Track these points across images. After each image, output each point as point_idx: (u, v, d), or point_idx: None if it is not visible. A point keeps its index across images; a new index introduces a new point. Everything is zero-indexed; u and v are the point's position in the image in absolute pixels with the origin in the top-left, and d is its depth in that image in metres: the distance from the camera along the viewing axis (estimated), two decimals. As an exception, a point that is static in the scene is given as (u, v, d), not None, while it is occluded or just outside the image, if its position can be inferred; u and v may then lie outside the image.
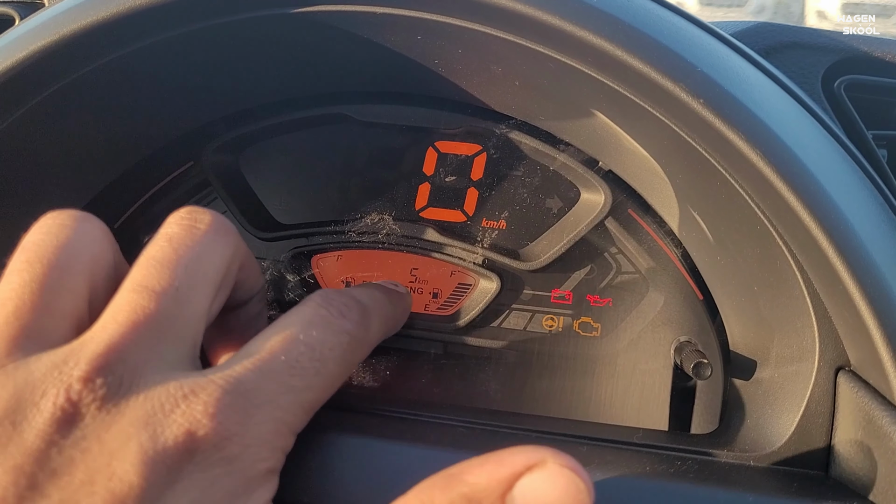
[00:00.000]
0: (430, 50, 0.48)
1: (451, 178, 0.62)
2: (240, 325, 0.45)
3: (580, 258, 0.62)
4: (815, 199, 0.38)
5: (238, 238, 0.40)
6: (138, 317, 0.33)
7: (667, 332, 0.59)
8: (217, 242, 0.38)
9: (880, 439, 0.38)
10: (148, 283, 0.34)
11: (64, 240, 0.37)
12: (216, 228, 0.38)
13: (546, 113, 0.55)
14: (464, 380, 0.63)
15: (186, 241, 0.36)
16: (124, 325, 0.32)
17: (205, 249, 0.37)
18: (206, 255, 0.37)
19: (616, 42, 0.39)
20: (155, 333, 0.33)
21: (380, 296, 0.48)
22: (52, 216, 0.38)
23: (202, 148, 0.61)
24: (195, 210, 0.39)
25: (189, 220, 0.38)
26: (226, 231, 0.39)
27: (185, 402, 0.31)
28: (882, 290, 0.38)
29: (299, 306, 0.41)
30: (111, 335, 0.32)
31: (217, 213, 0.39)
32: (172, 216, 0.38)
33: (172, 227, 0.38)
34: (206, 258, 0.37)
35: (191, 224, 0.38)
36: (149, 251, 0.36)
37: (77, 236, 0.37)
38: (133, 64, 0.47)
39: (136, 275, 0.35)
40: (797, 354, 0.44)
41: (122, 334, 0.32)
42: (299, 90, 0.60)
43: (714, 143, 0.40)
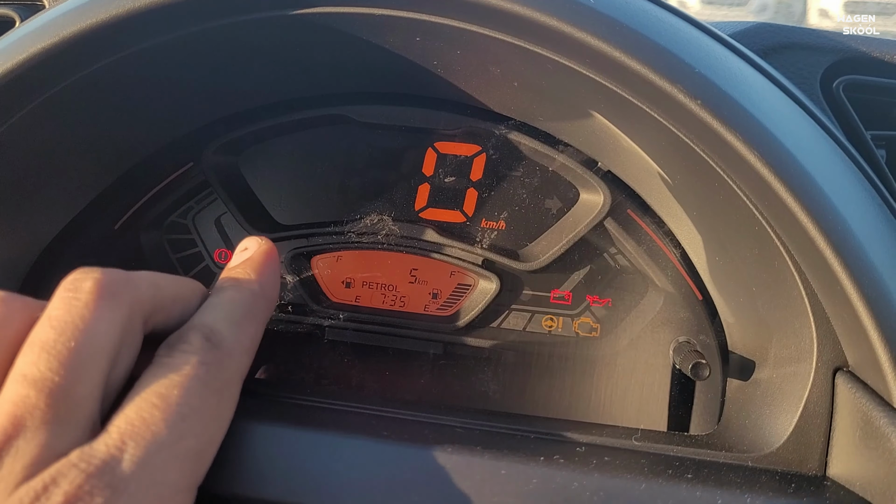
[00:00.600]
0: (428, 51, 0.48)
1: (450, 178, 0.62)
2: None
3: (579, 258, 0.62)
4: (812, 199, 0.38)
5: (134, 293, 0.37)
6: (18, 409, 0.32)
7: (666, 333, 0.59)
8: (103, 309, 0.35)
9: (878, 440, 0.38)
10: (28, 372, 0.33)
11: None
12: (101, 294, 0.36)
13: (545, 114, 0.55)
14: (463, 380, 0.63)
15: (66, 318, 0.34)
16: (5, 419, 0.32)
17: (89, 323, 0.34)
18: (90, 329, 0.34)
19: (614, 43, 0.39)
20: (37, 423, 0.32)
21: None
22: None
23: (202, 149, 0.61)
24: (77, 279, 0.36)
25: (70, 292, 0.36)
26: (112, 293, 0.36)
27: (45, 496, 0.30)
28: (880, 291, 0.38)
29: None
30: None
31: (104, 273, 0.37)
32: (58, 288, 0.36)
33: (54, 303, 0.36)
34: (91, 332, 0.34)
35: (72, 297, 0.35)
36: (33, 334, 0.35)
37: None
38: (132, 66, 0.47)
39: (20, 362, 0.34)
40: (795, 355, 0.44)
41: (3, 429, 0.31)
42: (299, 91, 0.60)
43: (712, 144, 0.40)
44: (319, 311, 0.64)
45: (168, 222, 0.67)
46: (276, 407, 0.44)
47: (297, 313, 0.65)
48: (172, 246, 0.67)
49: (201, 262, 0.67)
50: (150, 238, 0.66)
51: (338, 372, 0.63)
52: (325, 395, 0.47)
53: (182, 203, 0.66)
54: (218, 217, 0.67)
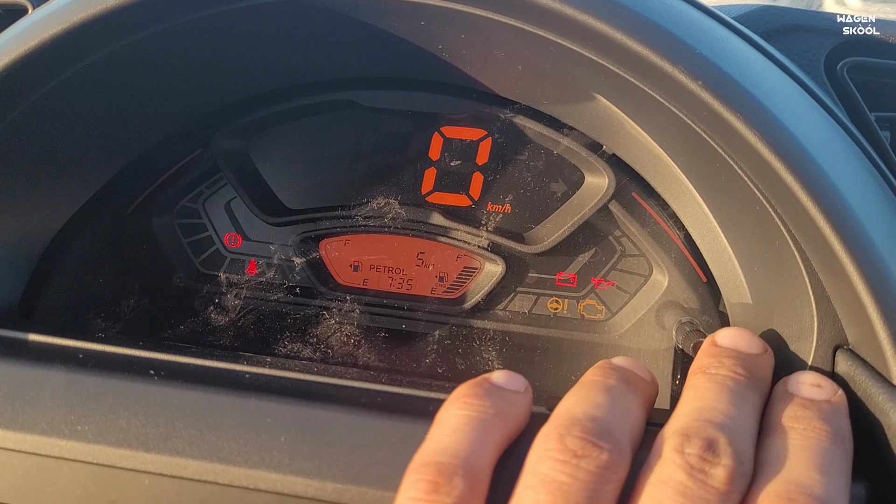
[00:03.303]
0: (433, 35, 0.49)
1: (456, 162, 0.63)
2: None
3: (584, 241, 0.62)
4: (813, 180, 0.38)
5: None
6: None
7: (670, 314, 0.59)
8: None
9: (878, 416, 0.38)
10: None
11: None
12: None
13: (549, 97, 0.55)
14: (469, 362, 0.64)
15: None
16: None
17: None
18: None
19: (616, 25, 0.39)
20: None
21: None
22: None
23: (212, 134, 0.62)
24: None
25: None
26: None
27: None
28: (880, 270, 0.38)
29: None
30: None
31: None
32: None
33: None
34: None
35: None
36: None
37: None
38: (143, 51, 0.47)
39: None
40: (796, 333, 0.45)
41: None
42: (306, 77, 0.61)
43: (713, 125, 0.40)
44: (327, 293, 0.65)
45: (179, 207, 0.68)
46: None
47: (305, 296, 0.66)
48: (183, 230, 0.68)
49: (212, 245, 0.68)
50: (161, 222, 0.67)
51: (345, 353, 0.64)
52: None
53: (193, 188, 0.67)
54: (228, 202, 0.68)
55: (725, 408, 0.36)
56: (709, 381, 0.38)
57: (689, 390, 0.38)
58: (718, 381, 0.38)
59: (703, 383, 0.38)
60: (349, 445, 0.39)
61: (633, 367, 0.41)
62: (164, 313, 0.67)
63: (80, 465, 0.40)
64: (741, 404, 0.36)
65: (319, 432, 0.40)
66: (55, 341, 0.47)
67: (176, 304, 0.67)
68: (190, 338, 0.65)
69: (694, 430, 0.34)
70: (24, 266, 0.56)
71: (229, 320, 0.65)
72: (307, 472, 0.39)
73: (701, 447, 0.33)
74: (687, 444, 0.33)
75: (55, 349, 0.46)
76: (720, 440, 0.33)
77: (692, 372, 0.40)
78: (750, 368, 0.39)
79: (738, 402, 0.36)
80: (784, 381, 0.40)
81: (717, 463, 0.32)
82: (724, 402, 0.36)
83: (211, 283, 0.67)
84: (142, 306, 0.66)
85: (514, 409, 0.38)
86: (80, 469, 0.40)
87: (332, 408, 0.41)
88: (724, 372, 0.38)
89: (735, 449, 0.33)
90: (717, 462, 0.32)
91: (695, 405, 0.36)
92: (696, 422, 0.35)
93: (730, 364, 0.39)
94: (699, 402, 0.36)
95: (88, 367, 0.43)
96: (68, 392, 0.42)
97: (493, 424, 0.36)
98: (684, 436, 0.34)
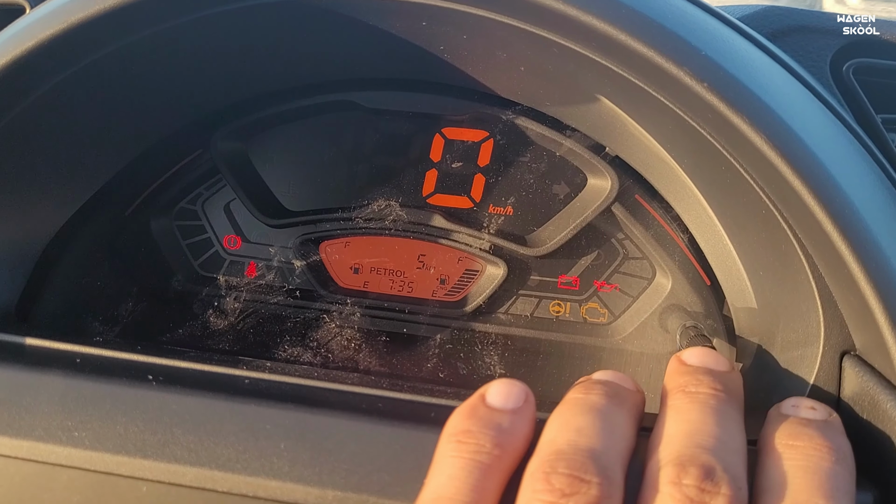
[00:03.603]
0: (435, 36, 0.48)
1: (457, 164, 0.62)
2: None
3: (587, 244, 0.62)
4: (820, 183, 0.38)
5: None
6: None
7: (673, 318, 0.59)
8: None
9: (885, 423, 0.38)
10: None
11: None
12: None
13: (552, 98, 0.55)
14: (470, 365, 0.64)
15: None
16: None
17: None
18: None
19: (620, 26, 0.39)
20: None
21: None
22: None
23: (211, 135, 0.62)
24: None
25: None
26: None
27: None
28: (888, 275, 0.37)
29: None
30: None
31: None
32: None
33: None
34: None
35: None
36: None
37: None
38: (142, 51, 0.47)
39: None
40: (802, 339, 0.44)
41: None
42: (306, 78, 0.60)
43: (718, 127, 0.40)
44: (327, 296, 0.65)
45: (178, 208, 0.67)
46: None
47: (305, 299, 0.65)
48: (182, 232, 0.68)
49: (211, 247, 0.68)
50: (160, 224, 0.66)
51: (345, 357, 0.63)
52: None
53: (192, 189, 0.66)
54: (227, 203, 0.67)
55: (713, 429, 0.35)
56: (691, 400, 0.37)
57: (672, 411, 0.37)
58: (701, 399, 0.37)
59: (685, 403, 0.37)
60: (350, 452, 0.39)
61: (615, 380, 0.40)
62: (163, 316, 0.66)
63: (78, 471, 0.40)
64: (727, 424, 0.36)
65: (320, 439, 0.39)
66: (52, 345, 0.47)
67: (175, 307, 0.66)
68: (189, 341, 0.64)
69: (688, 458, 0.33)
70: (21, 269, 0.56)
71: (228, 324, 0.65)
72: (307, 480, 0.38)
73: (698, 477, 0.32)
74: (683, 474, 0.32)
75: (52, 353, 0.46)
76: (716, 467, 0.32)
77: (670, 391, 0.39)
78: (726, 385, 0.38)
79: (724, 422, 0.36)
80: (777, 406, 0.39)
81: (717, 493, 0.31)
82: (710, 424, 0.35)
83: (210, 286, 0.66)
84: (140, 309, 0.66)
85: (515, 436, 0.36)
86: (77, 476, 0.40)
87: (333, 414, 0.40)
88: (704, 390, 0.37)
89: (731, 475, 0.32)
90: (716, 492, 0.32)
91: (682, 428, 0.35)
92: (688, 448, 0.34)
93: (708, 381, 0.38)
94: (686, 426, 0.35)
95: (86, 372, 0.43)
96: (65, 397, 0.41)
97: (492, 466, 0.35)
98: (679, 465, 0.33)
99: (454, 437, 0.36)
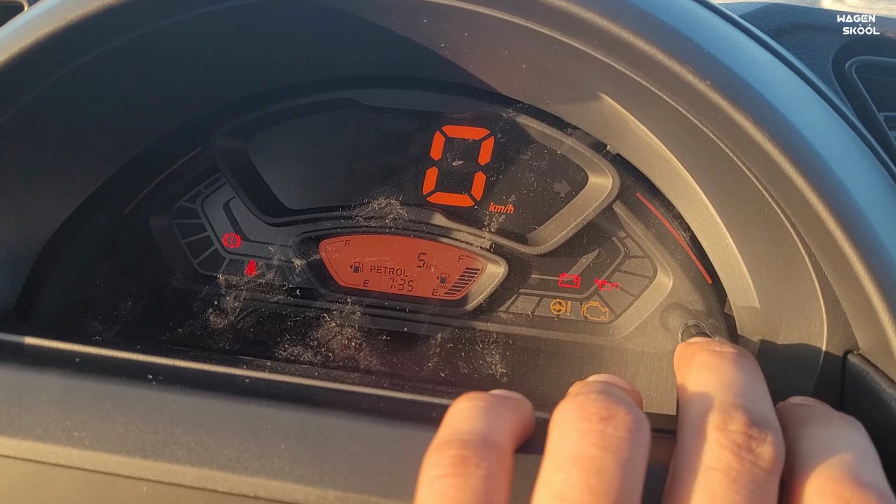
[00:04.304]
0: (435, 34, 0.48)
1: (458, 162, 0.62)
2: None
3: (588, 242, 0.62)
4: (823, 181, 0.37)
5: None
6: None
7: (675, 316, 0.59)
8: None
9: (888, 422, 0.38)
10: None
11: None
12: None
13: (553, 96, 0.55)
14: (471, 364, 0.63)
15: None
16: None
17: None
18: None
19: (622, 23, 0.38)
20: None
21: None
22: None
23: (211, 133, 0.61)
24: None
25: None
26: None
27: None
28: (891, 274, 0.37)
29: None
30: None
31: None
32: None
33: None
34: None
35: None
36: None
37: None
38: (140, 49, 0.47)
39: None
40: (805, 338, 0.44)
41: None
42: (306, 75, 0.60)
43: (721, 126, 0.40)
44: (327, 295, 0.65)
45: (177, 207, 0.67)
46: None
47: (306, 297, 0.65)
48: (182, 230, 0.67)
49: (210, 246, 0.68)
50: (159, 223, 0.66)
51: (345, 356, 0.63)
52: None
53: (191, 188, 0.66)
54: (226, 202, 0.67)
55: (747, 381, 0.34)
56: (718, 357, 0.36)
57: (700, 367, 0.36)
58: (729, 357, 0.36)
59: (713, 359, 0.36)
60: (351, 452, 0.38)
61: (610, 380, 0.39)
62: (163, 315, 0.66)
63: (77, 471, 0.40)
64: (755, 379, 0.35)
65: (321, 439, 0.39)
66: (52, 345, 0.46)
67: (174, 306, 0.66)
68: (188, 341, 0.64)
69: (731, 404, 0.32)
70: (20, 268, 0.56)
71: (228, 323, 0.65)
72: (308, 480, 0.38)
73: (745, 423, 0.31)
74: (729, 420, 0.31)
75: (52, 353, 0.46)
76: (760, 415, 0.31)
77: (693, 353, 0.37)
78: (747, 356, 0.38)
79: (752, 377, 0.35)
80: (785, 402, 0.39)
81: (764, 440, 0.30)
82: (742, 377, 0.34)
83: (210, 285, 0.66)
84: (139, 308, 0.65)
85: (520, 404, 0.37)
86: (76, 476, 0.40)
87: (334, 414, 0.40)
88: (729, 349, 0.37)
89: (774, 426, 0.31)
90: (762, 439, 0.30)
91: (716, 380, 0.34)
92: (729, 397, 0.33)
93: (729, 346, 0.37)
94: (720, 377, 0.34)
95: (85, 372, 0.43)
96: (65, 397, 0.41)
97: (504, 411, 0.35)
98: (723, 411, 0.31)
99: (465, 398, 0.36)
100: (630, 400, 0.33)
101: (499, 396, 0.37)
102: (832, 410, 0.36)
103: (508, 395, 0.38)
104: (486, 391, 0.38)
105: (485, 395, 0.37)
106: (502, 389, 0.39)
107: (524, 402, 0.38)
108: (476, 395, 0.37)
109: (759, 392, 0.34)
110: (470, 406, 0.35)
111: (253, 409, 0.40)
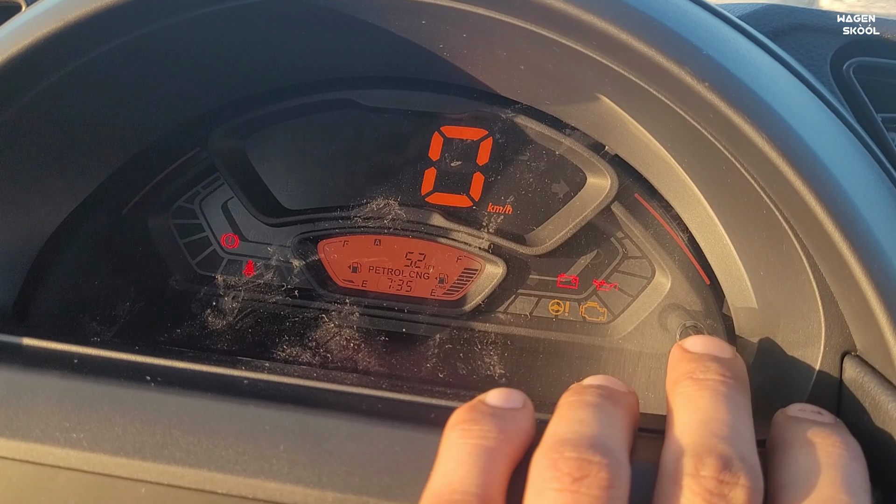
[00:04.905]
0: (434, 34, 0.48)
1: (456, 162, 0.62)
2: None
3: (586, 243, 0.62)
4: (821, 182, 0.38)
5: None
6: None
7: (673, 317, 0.59)
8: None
9: (886, 424, 0.38)
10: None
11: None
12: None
13: (551, 97, 0.55)
14: (469, 365, 0.63)
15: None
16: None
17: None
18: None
19: (621, 25, 0.38)
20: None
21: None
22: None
23: (209, 133, 0.61)
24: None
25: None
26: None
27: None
28: (889, 275, 0.37)
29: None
30: None
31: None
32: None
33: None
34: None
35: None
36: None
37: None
38: (138, 49, 0.47)
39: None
40: (803, 339, 0.44)
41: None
42: (305, 76, 0.60)
43: (719, 127, 0.40)
44: (326, 295, 0.65)
45: (175, 207, 0.67)
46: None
47: (304, 298, 0.65)
48: (180, 231, 0.67)
49: (209, 246, 0.68)
50: (157, 223, 0.66)
51: (343, 357, 0.63)
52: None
53: (189, 188, 0.66)
54: (225, 202, 0.67)
55: (726, 417, 0.34)
56: (700, 387, 0.36)
57: (682, 399, 0.37)
58: (710, 386, 0.36)
59: (694, 391, 0.36)
60: (350, 453, 0.38)
61: (606, 383, 0.40)
62: (161, 316, 0.66)
63: (76, 473, 0.40)
64: (738, 411, 0.35)
65: (319, 440, 0.39)
66: (50, 345, 0.46)
67: (172, 307, 0.66)
68: (187, 341, 0.64)
69: (704, 448, 0.33)
70: (17, 268, 0.56)
71: (227, 323, 0.64)
72: (307, 481, 0.38)
73: (716, 468, 0.31)
74: (701, 466, 0.32)
75: (50, 353, 0.46)
76: (733, 457, 0.32)
77: (677, 378, 0.38)
78: (734, 371, 0.38)
79: (736, 410, 0.35)
80: (782, 411, 0.39)
81: (735, 483, 0.31)
82: (723, 412, 0.35)
83: (208, 285, 0.66)
84: (138, 309, 0.65)
85: (517, 426, 0.36)
86: (75, 477, 0.40)
87: (333, 415, 0.40)
88: (713, 376, 0.37)
89: (748, 465, 0.32)
90: (734, 483, 0.31)
91: (695, 417, 0.35)
92: (703, 438, 0.33)
93: (715, 368, 0.37)
94: (699, 414, 0.35)
95: (84, 373, 0.43)
96: (63, 398, 0.41)
97: (498, 450, 0.35)
98: (696, 456, 0.32)
99: (457, 427, 0.36)
100: (610, 446, 0.33)
101: (492, 416, 0.36)
102: (821, 428, 0.36)
103: (503, 409, 0.38)
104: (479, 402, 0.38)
105: (476, 420, 0.36)
106: (499, 391, 0.39)
107: (521, 412, 0.38)
108: (467, 419, 0.36)
109: (738, 425, 0.34)
110: (461, 445, 0.35)
111: (251, 410, 0.40)
